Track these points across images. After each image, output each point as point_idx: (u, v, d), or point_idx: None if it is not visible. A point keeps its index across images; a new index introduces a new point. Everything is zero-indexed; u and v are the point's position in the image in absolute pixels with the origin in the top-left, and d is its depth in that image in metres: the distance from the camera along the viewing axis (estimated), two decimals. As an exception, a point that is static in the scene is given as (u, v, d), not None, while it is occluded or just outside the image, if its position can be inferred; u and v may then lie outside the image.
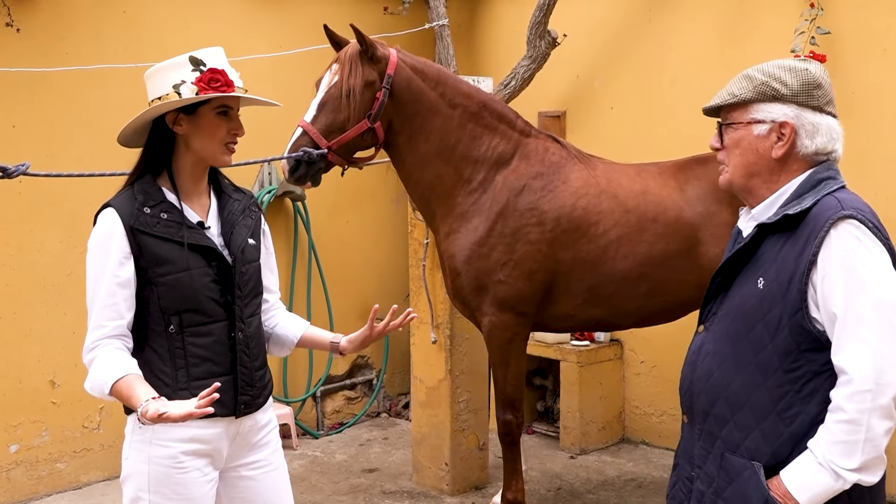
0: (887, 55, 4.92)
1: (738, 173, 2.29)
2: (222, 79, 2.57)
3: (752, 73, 2.27)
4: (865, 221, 2.09)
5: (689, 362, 2.36)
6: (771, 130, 2.23)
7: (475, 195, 4.36)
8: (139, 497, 2.57)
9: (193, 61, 2.57)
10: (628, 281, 4.30)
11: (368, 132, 4.21)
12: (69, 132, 5.32)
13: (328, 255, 6.61)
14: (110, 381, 2.45)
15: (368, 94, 4.17)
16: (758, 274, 2.19)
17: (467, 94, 4.38)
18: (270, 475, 2.80)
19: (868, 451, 2.00)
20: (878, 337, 2.01)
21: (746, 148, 2.26)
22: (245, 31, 6.10)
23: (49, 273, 5.30)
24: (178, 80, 2.55)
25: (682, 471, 2.38)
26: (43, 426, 5.33)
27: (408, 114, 4.28)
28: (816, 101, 2.22)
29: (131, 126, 2.63)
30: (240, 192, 2.84)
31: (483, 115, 4.38)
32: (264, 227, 2.88)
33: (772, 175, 2.25)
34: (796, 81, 2.21)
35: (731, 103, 2.28)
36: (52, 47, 5.26)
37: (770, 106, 2.22)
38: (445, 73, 4.44)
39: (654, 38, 6.01)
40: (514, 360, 4.44)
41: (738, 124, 2.27)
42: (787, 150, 2.22)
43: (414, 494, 5.35)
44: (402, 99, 4.24)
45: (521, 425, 4.55)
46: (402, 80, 4.23)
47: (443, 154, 4.34)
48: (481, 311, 4.40)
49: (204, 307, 2.59)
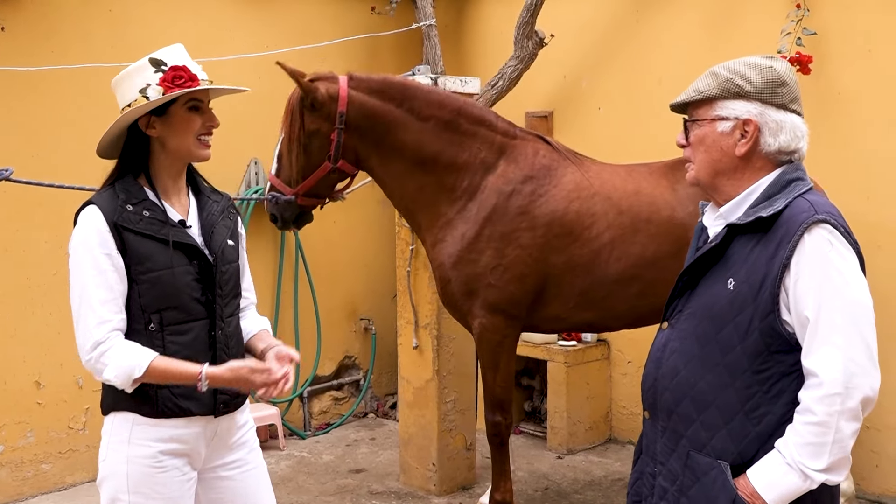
0: (873, 56, 4.94)
1: (704, 171, 2.29)
2: (185, 74, 2.56)
3: (717, 69, 2.27)
4: (838, 226, 2.10)
5: (654, 359, 2.35)
6: (734, 128, 2.23)
7: (460, 203, 4.34)
8: (118, 498, 2.56)
9: (154, 63, 2.57)
10: (621, 283, 4.28)
11: (334, 171, 4.25)
12: (55, 132, 5.29)
13: (315, 254, 6.60)
14: (145, 362, 2.46)
15: (318, 141, 4.20)
16: (727, 274, 2.18)
17: (439, 104, 4.32)
18: (248, 475, 2.79)
19: (836, 452, 2.03)
20: (849, 341, 2.03)
21: (710, 145, 2.26)
22: (231, 30, 6.09)
23: (34, 273, 5.27)
24: (144, 84, 2.55)
25: (644, 466, 2.39)
26: (28, 427, 5.30)
27: (374, 139, 4.26)
28: (780, 98, 2.22)
29: (107, 137, 2.63)
30: (217, 194, 2.85)
31: (459, 123, 4.33)
32: (241, 230, 2.89)
33: (736, 173, 2.25)
34: (760, 79, 2.21)
35: (697, 100, 2.28)
36: (38, 46, 5.23)
37: (734, 103, 2.22)
38: (412, 86, 4.36)
39: (641, 38, 6.02)
40: (504, 362, 4.43)
41: (702, 121, 2.28)
42: (751, 148, 2.22)
43: (401, 495, 5.34)
44: (362, 128, 4.22)
45: (510, 426, 4.54)
46: (357, 111, 4.19)
47: (421, 166, 4.32)
48: (472, 314, 4.38)
49: (185, 305, 2.59)
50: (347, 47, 6.47)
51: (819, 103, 5.12)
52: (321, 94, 4.15)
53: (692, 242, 2.44)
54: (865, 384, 2.03)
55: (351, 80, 4.25)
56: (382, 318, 7.01)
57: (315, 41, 6.18)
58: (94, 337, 2.48)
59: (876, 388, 2.05)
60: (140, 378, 2.47)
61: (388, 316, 6.90)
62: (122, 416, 2.59)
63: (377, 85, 4.27)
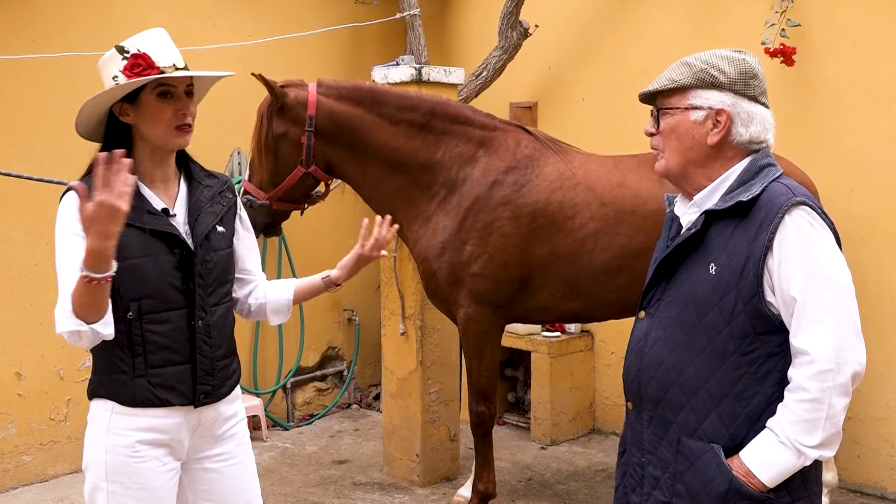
0: (856, 48, 4.95)
1: (675, 160, 2.30)
2: (144, 62, 2.51)
3: (690, 60, 2.28)
4: (815, 207, 2.15)
5: (635, 350, 2.36)
6: (707, 117, 2.24)
7: (439, 196, 4.36)
8: (98, 486, 2.55)
9: (120, 50, 2.53)
10: (607, 273, 4.28)
11: (306, 176, 4.27)
12: (35, 121, 5.24)
13: (298, 245, 6.57)
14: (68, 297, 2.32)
15: (287, 145, 4.25)
16: (708, 260, 2.20)
17: (411, 107, 4.34)
18: (235, 468, 2.77)
19: (829, 427, 2.06)
20: (836, 318, 2.07)
21: (683, 134, 2.27)
22: (214, 19, 6.05)
23: (14, 264, 5.22)
24: (114, 73, 2.52)
25: (630, 457, 2.39)
26: (9, 419, 5.26)
27: (345, 144, 4.29)
28: (752, 90, 2.25)
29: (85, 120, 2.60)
30: (213, 178, 2.79)
31: (433, 123, 4.35)
32: (241, 213, 2.85)
33: (707, 162, 2.27)
34: (734, 70, 2.24)
35: (670, 89, 2.28)
36: (18, 34, 5.18)
37: (708, 93, 2.24)
38: (381, 91, 4.39)
39: (625, 29, 6.02)
40: (489, 352, 4.43)
41: (674, 109, 2.28)
42: (722, 138, 2.24)
43: (385, 486, 5.34)
44: (332, 133, 4.26)
45: (493, 417, 4.55)
46: (326, 116, 4.23)
47: (396, 169, 4.35)
48: (457, 304, 4.39)
49: (163, 294, 2.56)
50: (331, 37, 6.45)
51: (803, 95, 5.14)
52: (290, 99, 4.21)
53: (663, 233, 2.45)
54: (854, 359, 2.07)
55: (320, 86, 4.29)
56: (366, 309, 7.00)
57: (298, 30, 6.15)
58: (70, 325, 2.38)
59: (863, 363, 2.09)
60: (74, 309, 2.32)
61: (371, 307, 6.88)
62: (102, 403, 2.57)
63: (347, 91, 4.31)
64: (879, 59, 4.88)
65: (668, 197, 2.50)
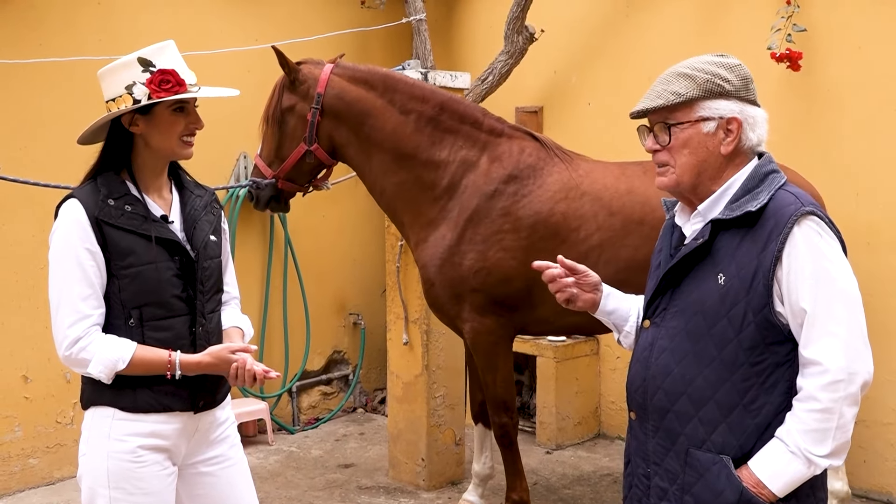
0: (862, 52, 4.95)
1: (689, 173, 2.27)
2: (173, 79, 2.54)
3: (687, 71, 2.25)
4: (822, 217, 2.15)
5: (640, 360, 2.34)
6: (718, 127, 2.23)
7: (441, 202, 4.27)
8: (98, 493, 2.55)
9: (142, 62, 2.54)
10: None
11: (309, 154, 4.25)
12: (41, 124, 5.26)
13: (304, 249, 6.58)
14: (128, 354, 2.49)
15: (293, 119, 4.24)
16: (716, 270, 2.19)
17: (422, 98, 4.27)
18: (229, 470, 2.79)
19: (839, 437, 2.07)
20: (846, 329, 2.08)
21: (696, 146, 2.25)
22: (220, 24, 6.06)
23: (22, 268, 5.24)
24: (130, 81, 2.53)
25: (636, 468, 2.38)
26: (15, 421, 5.28)
27: (350, 126, 4.25)
28: (752, 94, 2.27)
29: (90, 129, 2.62)
30: (201, 189, 2.83)
31: (442, 119, 4.27)
32: (224, 225, 2.88)
33: (718, 171, 2.26)
34: (736, 77, 2.24)
35: (676, 103, 2.24)
36: (25, 38, 5.20)
37: (717, 102, 2.23)
38: (395, 78, 4.34)
39: (631, 34, 6.02)
40: (502, 362, 4.33)
41: (684, 123, 2.25)
42: (735, 146, 2.24)
43: (390, 490, 5.34)
44: (340, 112, 4.23)
45: (516, 426, 4.47)
46: (335, 95, 4.21)
47: (400, 161, 4.27)
48: (461, 319, 4.30)
49: (165, 301, 2.58)
50: (337, 41, 6.44)
51: (809, 100, 5.13)
52: (302, 74, 4.23)
53: (662, 242, 2.43)
54: (864, 369, 2.09)
55: (336, 66, 4.28)
56: (372, 314, 7.00)
57: (304, 35, 6.16)
58: (75, 333, 2.49)
59: (871, 371, 2.11)
60: (123, 370, 2.48)
61: (377, 311, 6.89)
62: (102, 411, 2.58)
63: (361, 74, 4.29)
64: (886, 64, 4.87)
65: (667, 202, 2.49)
